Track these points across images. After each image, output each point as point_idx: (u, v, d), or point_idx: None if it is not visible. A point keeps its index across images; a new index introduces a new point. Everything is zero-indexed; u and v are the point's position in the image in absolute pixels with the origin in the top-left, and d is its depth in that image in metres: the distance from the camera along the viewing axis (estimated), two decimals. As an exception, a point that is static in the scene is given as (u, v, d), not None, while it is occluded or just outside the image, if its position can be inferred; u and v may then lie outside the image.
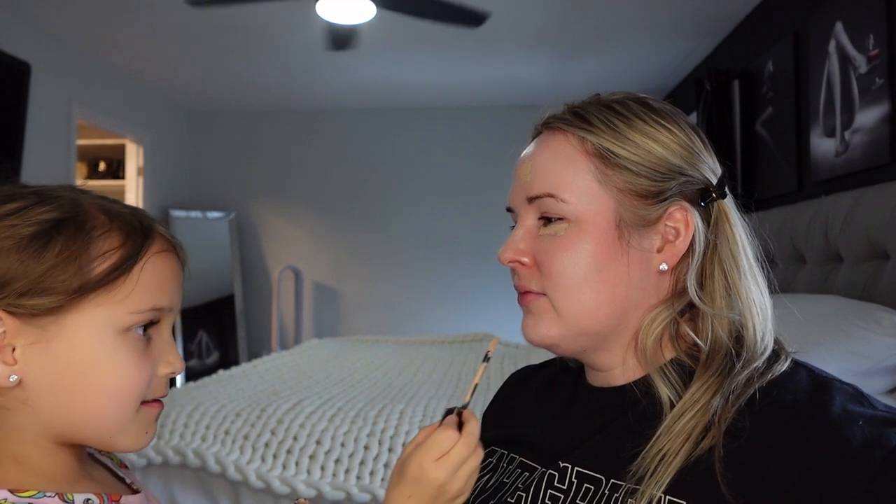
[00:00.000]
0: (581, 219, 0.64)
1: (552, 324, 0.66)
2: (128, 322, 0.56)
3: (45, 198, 0.56)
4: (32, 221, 0.54)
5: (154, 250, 0.59)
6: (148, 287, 0.57)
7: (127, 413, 0.57)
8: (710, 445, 0.56)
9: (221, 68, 4.33)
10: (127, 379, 0.56)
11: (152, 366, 0.59)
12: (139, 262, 0.57)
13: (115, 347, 0.56)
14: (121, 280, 0.56)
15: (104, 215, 0.58)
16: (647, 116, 0.66)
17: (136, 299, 0.57)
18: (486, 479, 0.73)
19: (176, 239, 0.63)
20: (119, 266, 0.56)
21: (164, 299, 0.59)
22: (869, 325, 1.52)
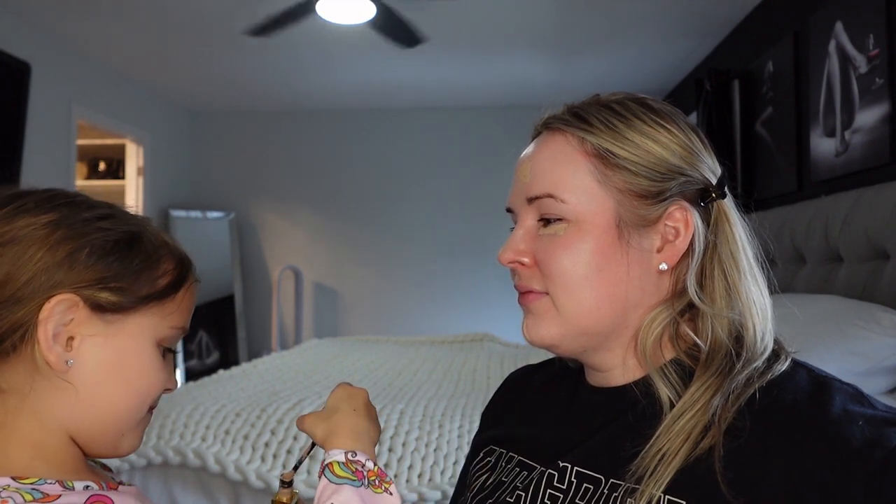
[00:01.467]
0: (580, 219, 0.64)
1: (553, 323, 0.66)
2: (166, 335, 0.63)
3: (117, 211, 0.64)
4: (121, 230, 0.61)
5: (192, 279, 0.67)
6: (184, 309, 0.65)
7: (139, 415, 0.63)
8: (709, 445, 0.56)
9: (221, 68, 4.33)
10: (151, 385, 0.62)
11: (165, 379, 0.64)
12: (185, 285, 0.65)
13: (150, 355, 0.62)
14: (171, 297, 0.63)
15: (161, 239, 0.65)
16: (647, 117, 0.66)
17: (176, 317, 0.64)
18: (485, 478, 0.73)
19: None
20: (174, 284, 0.63)
21: (187, 321, 0.66)
22: (869, 325, 1.52)
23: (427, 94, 4.98)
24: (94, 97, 4.14)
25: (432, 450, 1.75)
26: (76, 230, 0.58)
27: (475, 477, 0.75)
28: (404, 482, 1.68)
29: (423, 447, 1.75)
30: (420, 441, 1.76)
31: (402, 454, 1.73)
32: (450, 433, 1.79)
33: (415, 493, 1.64)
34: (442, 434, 1.79)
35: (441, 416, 1.88)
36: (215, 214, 5.19)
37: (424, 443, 1.76)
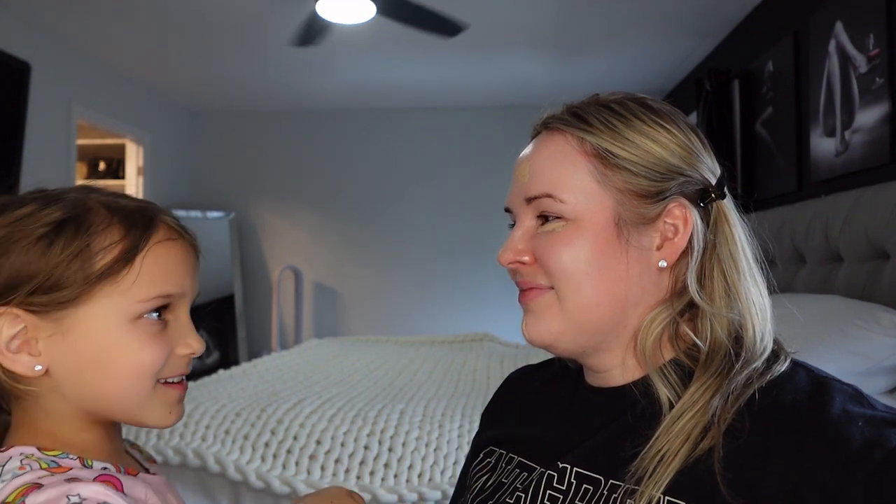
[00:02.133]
0: (579, 218, 0.64)
1: (554, 320, 0.66)
2: (135, 310, 0.59)
3: (52, 200, 0.61)
4: (41, 223, 0.58)
5: (156, 240, 0.61)
6: (152, 276, 0.60)
7: (143, 391, 0.61)
8: (709, 446, 0.56)
9: (221, 68, 4.33)
10: (139, 361, 0.60)
11: (167, 347, 0.61)
12: (140, 253, 0.59)
13: (127, 334, 0.59)
14: (124, 271, 0.59)
15: (106, 211, 0.61)
16: (646, 116, 0.66)
17: (140, 289, 0.59)
18: (485, 479, 0.73)
19: (184, 227, 0.66)
20: (121, 258, 0.59)
21: (171, 286, 0.61)
22: (869, 325, 1.52)
23: (427, 94, 4.98)
24: (94, 97, 4.14)
25: (432, 450, 1.75)
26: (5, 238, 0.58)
27: (475, 478, 0.75)
28: (404, 482, 1.68)
29: (423, 447, 1.75)
30: (420, 441, 1.76)
31: (402, 454, 1.73)
32: (450, 433, 1.79)
33: (415, 492, 1.64)
34: (442, 434, 1.79)
35: (441, 416, 1.88)
36: (215, 214, 5.19)
37: (424, 443, 1.76)
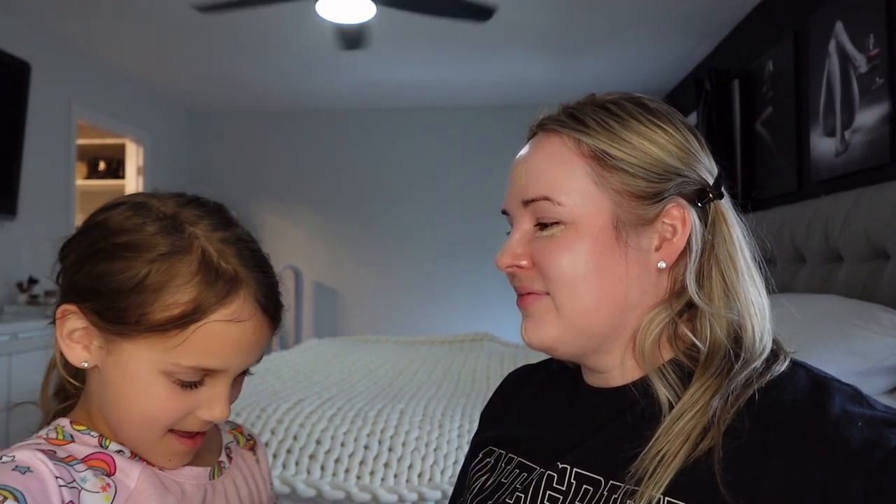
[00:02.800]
0: (577, 221, 0.64)
1: (552, 325, 0.66)
2: (171, 370, 0.59)
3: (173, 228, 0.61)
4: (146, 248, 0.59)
5: (219, 318, 0.58)
6: (198, 348, 0.58)
7: (149, 436, 0.61)
8: (709, 446, 0.56)
9: (221, 68, 4.33)
10: (152, 410, 0.60)
11: (188, 407, 0.60)
12: (196, 324, 0.58)
13: (153, 383, 0.59)
14: (174, 332, 0.58)
15: (198, 265, 0.59)
16: (643, 117, 0.65)
17: (182, 354, 0.58)
18: (485, 479, 0.73)
19: (269, 304, 0.63)
20: (177, 321, 0.57)
21: (215, 362, 0.60)
22: (869, 325, 1.52)
23: (427, 94, 4.98)
24: (94, 97, 4.14)
25: (432, 450, 1.75)
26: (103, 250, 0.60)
27: (474, 478, 0.75)
28: (404, 482, 1.68)
29: (423, 447, 1.75)
30: (420, 441, 1.76)
31: (402, 454, 1.73)
32: (450, 433, 1.79)
33: (415, 492, 1.64)
34: (442, 434, 1.79)
35: (441, 416, 1.88)
36: (215, 214, 5.18)
37: (424, 443, 1.76)
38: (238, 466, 0.74)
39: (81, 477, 0.57)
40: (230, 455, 0.74)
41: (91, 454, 0.60)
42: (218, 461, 0.72)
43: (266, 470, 0.80)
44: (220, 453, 0.73)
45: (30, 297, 3.34)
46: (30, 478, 0.53)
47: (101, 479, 0.58)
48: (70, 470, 0.57)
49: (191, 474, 0.66)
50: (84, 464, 0.59)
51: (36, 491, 0.53)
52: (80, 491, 0.56)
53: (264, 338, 0.63)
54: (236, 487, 0.72)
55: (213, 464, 0.70)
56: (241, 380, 0.66)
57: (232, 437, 0.77)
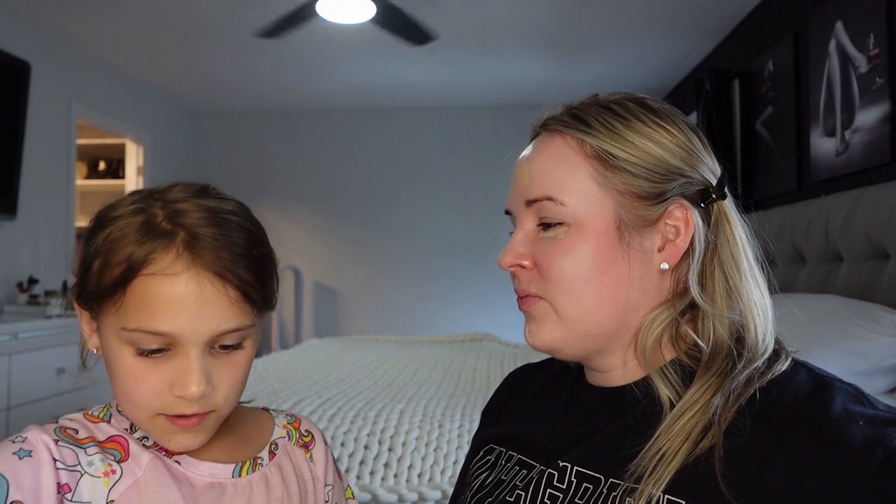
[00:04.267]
0: (581, 221, 0.64)
1: (554, 328, 0.66)
2: (125, 338, 0.57)
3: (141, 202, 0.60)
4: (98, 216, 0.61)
5: (147, 272, 0.56)
6: (137, 308, 0.56)
7: (140, 415, 0.60)
8: (709, 445, 0.56)
9: (221, 68, 4.33)
10: (128, 388, 0.59)
11: (160, 383, 0.58)
12: (130, 282, 0.56)
13: (121, 356, 0.58)
14: (119, 295, 0.56)
15: (139, 225, 0.57)
16: (646, 117, 0.65)
17: (126, 317, 0.56)
18: (485, 477, 0.73)
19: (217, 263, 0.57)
20: (117, 282, 0.56)
21: (158, 323, 0.56)
22: (869, 325, 1.52)
23: (427, 94, 4.98)
24: (94, 97, 4.14)
25: (432, 449, 1.75)
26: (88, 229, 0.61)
27: (475, 475, 0.75)
28: (404, 482, 1.68)
29: (423, 447, 1.75)
30: (420, 441, 1.76)
31: (402, 454, 1.73)
32: (450, 433, 1.79)
33: (415, 492, 1.64)
34: (442, 434, 1.79)
35: (441, 416, 1.88)
36: (215, 214, 5.17)
37: (424, 442, 1.76)
38: (279, 465, 0.69)
39: (88, 461, 0.58)
40: (274, 451, 0.69)
41: (112, 436, 0.61)
42: (255, 457, 0.67)
43: (323, 470, 0.73)
44: (262, 448, 0.69)
45: (30, 297, 3.34)
46: (25, 463, 0.54)
47: (108, 465, 0.59)
48: (79, 452, 0.58)
49: (208, 470, 0.63)
50: (99, 447, 0.59)
51: (25, 478, 0.54)
52: (82, 475, 0.57)
53: (215, 300, 0.57)
54: (267, 487, 0.66)
55: (245, 459, 0.66)
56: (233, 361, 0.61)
57: (285, 433, 0.73)
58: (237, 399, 0.64)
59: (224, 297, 0.57)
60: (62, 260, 3.78)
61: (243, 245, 0.59)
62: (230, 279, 0.58)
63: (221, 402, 0.61)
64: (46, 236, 3.64)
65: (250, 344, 0.63)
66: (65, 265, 3.80)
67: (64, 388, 3.02)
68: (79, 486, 0.56)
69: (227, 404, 0.62)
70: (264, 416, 0.75)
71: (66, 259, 3.81)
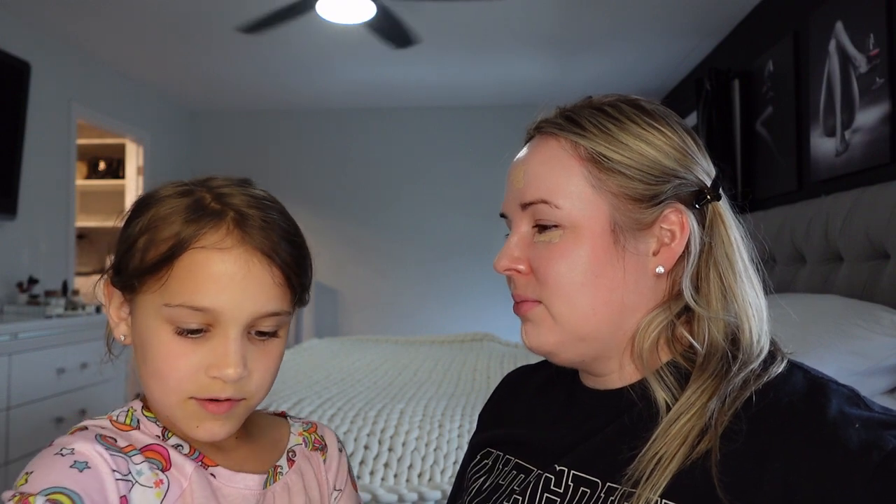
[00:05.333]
0: (576, 224, 0.64)
1: (550, 331, 0.66)
2: (166, 316, 0.57)
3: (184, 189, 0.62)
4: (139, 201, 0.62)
5: (198, 245, 0.57)
6: (184, 283, 0.56)
7: (170, 399, 0.58)
8: (706, 449, 0.55)
9: (221, 68, 4.33)
10: (162, 368, 0.58)
11: (198, 363, 0.57)
12: (179, 256, 0.57)
13: (158, 334, 0.58)
14: (164, 270, 0.57)
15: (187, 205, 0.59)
16: (640, 119, 0.65)
17: (171, 292, 0.57)
18: (482, 481, 0.73)
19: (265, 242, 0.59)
20: (164, 257, 0.57)
21: (203, 299, 0.56)
22: (869, 325, 1.52)
23: (427, 94, 4.98)
24: (94, 97, 4.14)
25: (432, 449, 1.75)
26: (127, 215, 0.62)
27: (472, 479, 0.74)
28: (404, 482, 1.68)
29: (423, 447, 1.75)
30: (420, 441, 1.76)
31: (402, 454, 1.73)
32: (450, 433, 1.79)
33: (415, 492, 1.64)
34: (442, 434, 1.79)
35: (441, 416, 1.88)
36: (215, 214, 5.18)
37: (424, 442, 1.76)
38: (299, 472, 0.68)
39: (138, 469, 0.56)
40: (292, 458, 0.69)
41: (150, 445, 0.59)
42: (275, 465, 0.66)
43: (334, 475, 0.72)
44: (281, 456, 0.68)
45: (30, 297, 3.34)
46: (88, 475, 0.52)
47: (156, 474, 0.57)
48: (128, 461, 0.56)
49: (244, 483, 0.62)
50: (142, 455, 0.57)
51: (93, 491, 0.51)
52: (134, 485, 0.55)
53: (261, 279, 0.58)
54: (289, 495, 0.65)
55: (268, 468, 0.65)
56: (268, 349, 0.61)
57: (301, 440, 0.71)
58: (268, 391, 0.63)
59: (269, 277, 0.59)
60: (62, 260, 3.78)
61: (286, 229, 0.62)
62: (276, 260, 0.59)
63: (254, 391, 0.60)
64: (46, 236, 3.64)
65: (284, 334, 0.63)
66: (65, 265, 3.80)
67: (64, 388, 3.02)
68: (131, 498, 0.54)
69: (259, 394, 0.61)
70: (281, 421, 0.74)
71: (66, 259, 3.81)
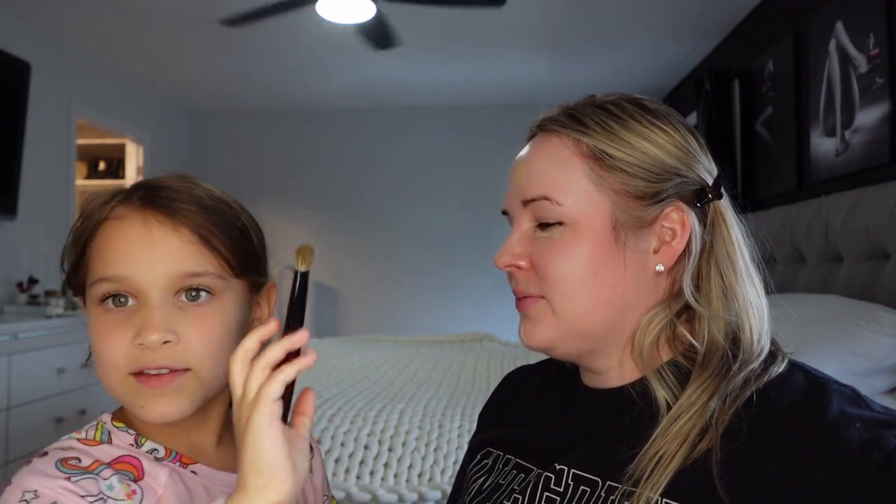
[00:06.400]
0: (577, 221, 0.64)
1: (549, 327, 0.66)
2: (93, 294, 0.60)
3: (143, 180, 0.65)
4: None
5: (109, 219, 0.60)
6: (98, 258, 0.60)
7: (111, 379, 0.59)
8: (706, 448, 0.56)
9: (222, 68, 4.33)
10: (100, 349, 0.59)
11: (126, 335, 0.58)
12: (92, 236, 0.60)
13: (94, 319, 0.60)
14: (85, 256, 0.60)
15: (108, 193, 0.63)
16: (642, 117, 0.65)
17: (91, 272, 0.60)
18: (482, 481, 0.73)
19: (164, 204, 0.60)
20: (80, 240, 0.61)
21: (111, 268, 0.59)
22: (869, 325, 1.52)
23: (427, 94, 4.98)
24: (94, 97, 4.14)
25: (432, 449, 1.75)
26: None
27: (472, 479, 0.74)
28: (404, 482, 1.68)
29: (423, 447, 1.75)
30: (420, 441, 1.76)
31: (402, 454, 1.73)
32: (450, 433, 1.79)
33: (415, 492, 1.64)
34: (442, 434, 1.79)
35: (441, 416, 1.88)
36: (215, 214, 5.18)
37: (424, 442, 1.76)
38: None
39: (108, 484, 0.56)
40: None
41: (120, 457, 0.58)
42: None
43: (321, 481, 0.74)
44: None
45: (30, 297, 3.34)
46: None
47: (127, 486, 0.56)
48: (97, 480, 0.55)
49: (223, 480, 0.63)
50: (111, 468, 0.57)
51: None
52: (107, 500, 0.55)
53: (164, 239, 0.59)
54: None
55: None
56: (202, 314, 0.60)
57: None
58: (218, 363, 0.59)
59: (174, 237, 0.59)
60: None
61: (201, 196, 0.62)
62: (181, 220, 0.59)
63: (195, 360, 0.59)
64: (46, 236, 3.64)
65: (226, 302, 0.63)
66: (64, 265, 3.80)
67: (64, 388, 3.01)
68: None
69: (206, 364, 0.59)
70: None
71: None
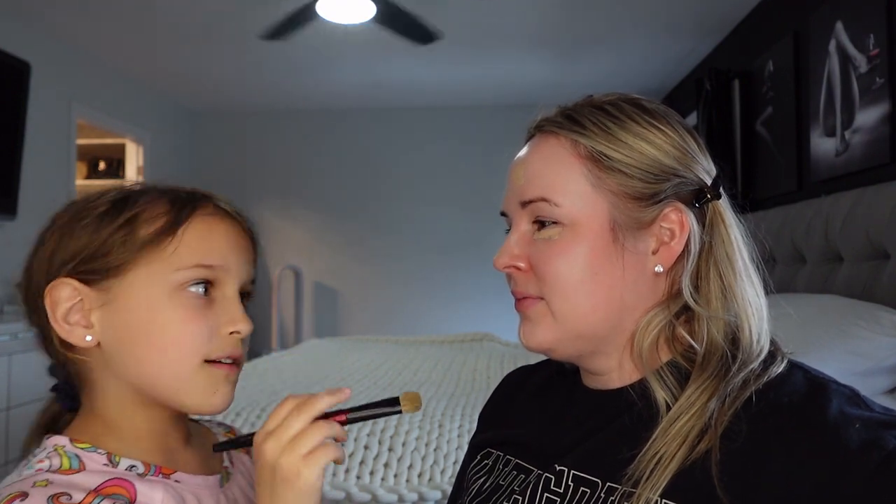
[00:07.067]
0: (575, 222, 0.64)
1: (549, 328, 0.66)
2: (175, 279, 0.60)
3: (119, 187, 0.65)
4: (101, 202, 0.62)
5: (200, 213, 0.63)
6: (192, 246, 0.61)
7: (185, 368, 0.60)
8: (706, 448, 0.55)
9: (222, 68, 4.33)
10: (181, 335, 0.60)
11: (212, 324, 0.61)
12: (183, 224, 0.61)
13: (169, 305, 0.60)
14: (167, 240, 0.60)
15: (157, 191, 0.64)
16: (640, 118, 0.65)
17: (180, 257, 0.61)
18: (482, 482, 0.73)
19: (239, 211, 0.67)
20: (164, 228, 0.61)
21: (212, 257, 0.62)
22: (869, 325, 1.52)
23: (427, 94, 4.98)
24: (94, 97, 4.14)
25: (432, 449, 1.75)
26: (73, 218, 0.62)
27: (472, 480, 0.74)
28: (404, 482, 1.68)
29: (423, 447, 1.75)
30: (420, 441, 1.76)
31: (402, 454, 1.73)
32: (450, 433, 1.79)
33: (415, 492, 1.64)
34: (442, 434, 1.79)
35: (441, 416, 1.88)
36: (215, 214, 5.19)
37: (424, 443, 1.76)
38: (241, 471, 0.73)
39: None
40: (232, 460, 0.73)
41: (106, 482, 0.56)
42: (224, 466, 0.70)
43: None
44: (223, 458, 0.71)
45: (30, 297, 3.34)
46: None
47: None
48: None
49: (204, 484, 0.64)
50: (101, 495, 0.55)
51: None
52: None
53: (247, 246, 0.67)
54: (243, 492, 0.70)
55: (220, 471, 0.69)
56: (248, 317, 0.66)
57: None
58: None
59: (251, 246, 0.67)
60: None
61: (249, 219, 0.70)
62: (252, 236, 0.68)
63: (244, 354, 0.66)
64: (46, 236, 3.64)
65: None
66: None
67: (64, 388, 3.02)
68: None
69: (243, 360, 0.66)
70: (202, 426, 0.76)
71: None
